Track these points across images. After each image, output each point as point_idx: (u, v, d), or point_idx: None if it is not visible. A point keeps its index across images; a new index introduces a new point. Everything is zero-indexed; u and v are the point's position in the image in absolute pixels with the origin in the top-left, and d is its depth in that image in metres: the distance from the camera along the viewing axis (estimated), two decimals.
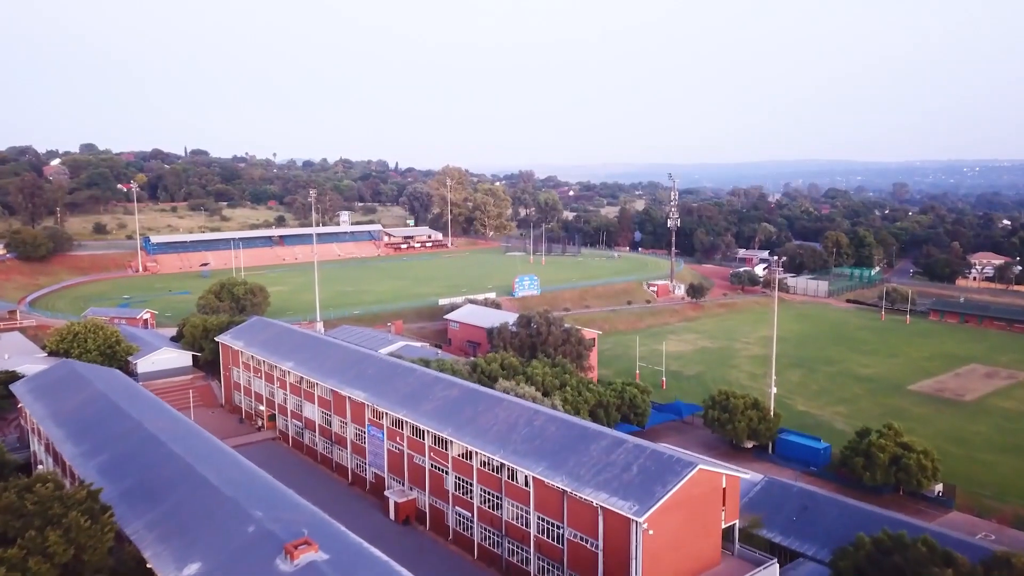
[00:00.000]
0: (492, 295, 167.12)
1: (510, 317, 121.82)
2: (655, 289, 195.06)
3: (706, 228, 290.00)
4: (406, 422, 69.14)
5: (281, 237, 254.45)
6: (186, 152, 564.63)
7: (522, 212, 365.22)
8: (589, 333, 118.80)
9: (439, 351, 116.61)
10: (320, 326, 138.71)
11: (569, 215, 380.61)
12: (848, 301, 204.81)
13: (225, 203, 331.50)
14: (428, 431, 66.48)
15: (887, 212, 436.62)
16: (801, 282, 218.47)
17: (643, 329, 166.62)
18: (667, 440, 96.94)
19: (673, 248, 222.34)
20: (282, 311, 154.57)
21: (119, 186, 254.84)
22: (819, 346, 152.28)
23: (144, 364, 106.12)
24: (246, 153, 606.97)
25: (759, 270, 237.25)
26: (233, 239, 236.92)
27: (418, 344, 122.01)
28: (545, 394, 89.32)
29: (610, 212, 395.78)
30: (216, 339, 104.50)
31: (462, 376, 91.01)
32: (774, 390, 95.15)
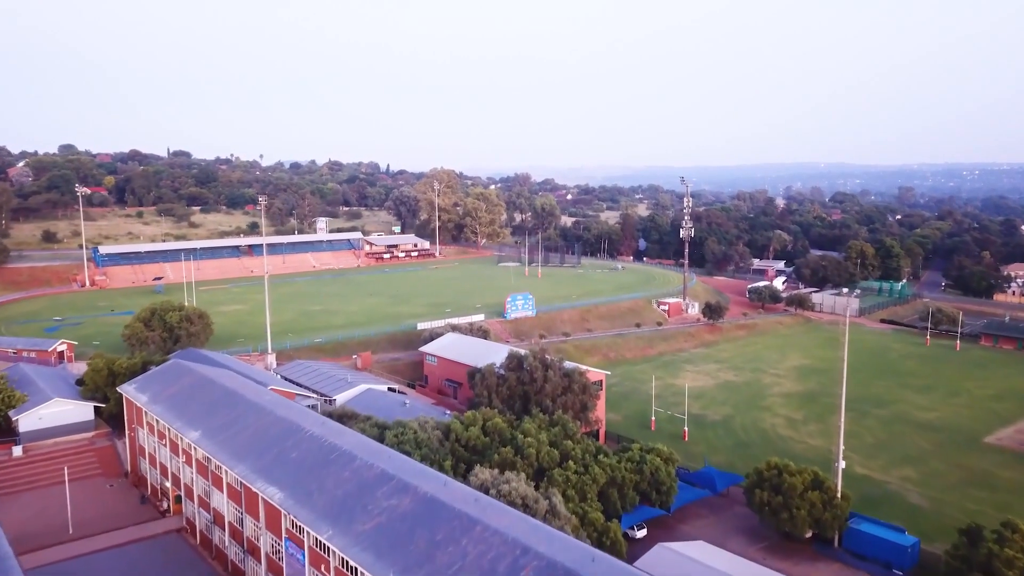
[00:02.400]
0: (480, 317, 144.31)
1: (498, 353, 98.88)
2: (666, 308, 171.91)
3: (717, 236, 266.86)
4: (332, 549, 46.41)
5: (250, 246, 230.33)
6: (168, 153, 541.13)
7: (517, 218, 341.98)
8: (595, 375, 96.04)
9: (408, 399, 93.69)
10: (272, 359, 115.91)
11: (568, 221, 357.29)
12: (883, 321, 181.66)
13: (198, 208, 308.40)
14: (362, 571, 43.73)
15: (899, 218, 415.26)
16: (827, 299, 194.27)
17: (654, 357, 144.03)
18: (700, 527, 74.47)
19: (687, 261, 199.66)
20: (232, 337, 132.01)
21: (80, 189, 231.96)
22: (863, 380, 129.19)
23: (28, 420, 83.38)
24: (231, 155, 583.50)
25: (778, 283, 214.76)
26: (195, 249, 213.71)
27: (383, 387, 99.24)
28: (541, 474, 66.91)
29: (610, 217, 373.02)
30: (119, 389, 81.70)
31: (430, 448, 68.42)
32: (842, 464, 72.51)
